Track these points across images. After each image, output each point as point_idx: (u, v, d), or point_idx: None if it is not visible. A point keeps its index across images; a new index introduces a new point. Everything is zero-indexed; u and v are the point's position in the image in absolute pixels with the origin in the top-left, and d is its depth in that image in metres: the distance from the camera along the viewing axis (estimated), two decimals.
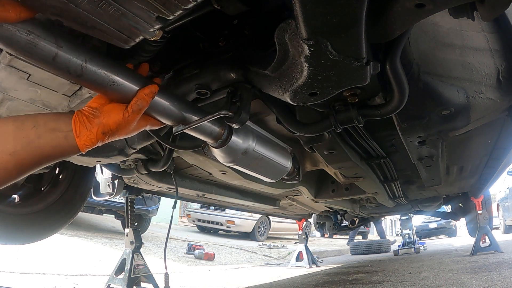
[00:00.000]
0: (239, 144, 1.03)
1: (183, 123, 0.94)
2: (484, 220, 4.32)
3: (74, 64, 0.73)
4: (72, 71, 0.73)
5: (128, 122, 0.80)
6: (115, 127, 0.78)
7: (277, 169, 1.22)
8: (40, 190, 2.13)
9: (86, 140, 0.76)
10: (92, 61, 0.75)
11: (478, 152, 2.23)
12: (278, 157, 1.19)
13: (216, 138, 1.02)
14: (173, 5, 0.74)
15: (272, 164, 1.17)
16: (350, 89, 1.13)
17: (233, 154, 1.04)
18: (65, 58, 0.71)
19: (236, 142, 1.03)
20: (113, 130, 0.79)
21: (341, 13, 0.70)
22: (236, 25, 1.10)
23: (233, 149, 1.03)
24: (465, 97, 1.26)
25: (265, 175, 1.24)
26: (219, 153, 1.04)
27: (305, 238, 5.67)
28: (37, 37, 0.67)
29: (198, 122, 0.94)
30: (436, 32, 1.17)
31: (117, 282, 2.66)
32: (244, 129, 1.04)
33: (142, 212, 6.48)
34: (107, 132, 0.78)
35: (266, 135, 1.16)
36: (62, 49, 0.70)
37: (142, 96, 0.81)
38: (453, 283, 2.36)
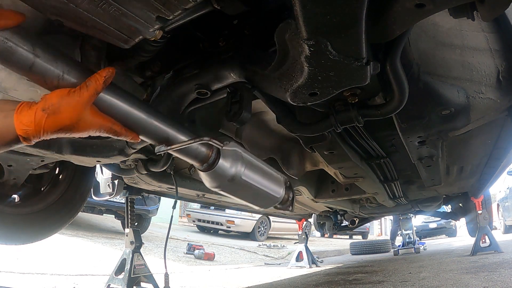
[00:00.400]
0: (226, 170, 0.97)
1: (166, 144, 0.89)
2: (484, 220, 4.32)
3: (52, 74, 0.71)
4: (49, 81, 0.71)
5: (73, 98, 0.69)
6: (56, 100, 0.68)
7: (267, 198, 1.15)
8: (40, 190, 2.13)
9: (24, 118, 0.66)
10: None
11: (478, 152, 2.23)
12: (268, 186, 1.12)
13: (202, 161, 0.96)
14: (173, 5, 0.74)
15: (261, 193, 1.11)
16: (350, 89, 1.13)
17: (218, 179, 0.98)
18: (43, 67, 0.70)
19: (224, 167, 0.97)
20: (54, 105, 0.67)
21: (341, 13, 0.70)
22: (236, 25, 1.10)
23: (220, 174, 0.97)
24: (465, 97, 1.26)
25: (253, 203, 1.17)
26: (205, 177, 0.99)
27: (305, 238, 5.67)
28: (14, 45, 0.67)
29: (180, 145, 0.89)
30: (436, 32, 1.17)
31: (117, 282, 2.66)
32: (233, 154, 0.99)
33: (142, 212, 6.48)
34: (47, 108, 0.67)
35: (257, 162, 1.09)
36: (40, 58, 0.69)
37: (94, 76, 0.72)
38: (453, 283, 2.36)
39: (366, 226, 17.63)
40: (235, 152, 1.00)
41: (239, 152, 1.02)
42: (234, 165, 0.99)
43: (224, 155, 0.98)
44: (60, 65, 0.72)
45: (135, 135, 0.84)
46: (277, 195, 1.18)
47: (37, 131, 0.67)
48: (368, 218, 5.26)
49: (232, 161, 0.99)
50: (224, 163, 0.97)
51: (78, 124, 0.71)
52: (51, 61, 0.71)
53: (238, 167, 1.00)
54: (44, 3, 0.72)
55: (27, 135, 0.67)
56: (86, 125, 0.72)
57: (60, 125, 0.69)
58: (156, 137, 0.88)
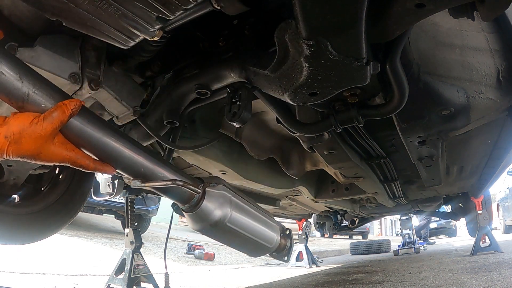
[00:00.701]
0: (210, 214, 0.90)
1: (141, 179, 0.82)
2: (484, 220, 4.32)
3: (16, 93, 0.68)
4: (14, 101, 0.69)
5: (34, 131, 0.66)
6: (17, 131, 0.65)
7: (257, 246, 1.06)
8: (40, 190, 2.13)
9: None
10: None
11: (478, 152, 2.23)
12: (259, 234, 1.03)
13: (184, 201, 0.89)
14: (173, 5, 0.74)
15: (250, 241, 1.02)
16: (350, 89, 1.13)
17: (200, 223, 0.92)
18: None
19: (207, 210, 0.90)
20: (15, 136, 0.65)
21: (341, 13, 0.70)
22: (236, 25, 1.10)
23: (201, 218, 0.91)
24: (465, 97, 1.26)
25: (240, 250, 1.10)
26: (187, 217, 0.93)
27: (305, 238, 5.67)
28: None
29: (154, 185, 0.83)
30: (436, 32, 1.17)
31: (117, 282, 2.66)
32: (220, 198, 0.92)
33: (142, 212, 6.48)
34: (8, 137, 0.65)
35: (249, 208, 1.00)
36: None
37: (60, 105, 0.69)
38: (453, 283, 2.36)
39: (366, 226, 17.64)
40: (223, 195, 0.94)
41: (227, 196, 0.95)
42: (220, 209, 0.92)
43: (210, 198, 0.91)
44: (26, 84, 0.68)
45: (109, 168, 0.78)
46: (269, 244, 1.08)
47: (0, 154, 0.67)
48: (368, 218, 5.26)
49: (218, 204, 0.92)
50: (208, 206, 0.90)
51: (39, 156, 0.69)
52: (16, 80, 0.67)
53: (224, 212, 0.92)
54: (44, 3, 0.72)
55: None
56: (47, 157, 0.70)
57: (21, 154, 0.67)
58: (131, 171, 0.82)
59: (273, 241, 1.08)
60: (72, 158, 0.72)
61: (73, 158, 0.73)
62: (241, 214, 0.97)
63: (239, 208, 0.97)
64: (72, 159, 0.72)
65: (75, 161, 0.73)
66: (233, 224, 0.94)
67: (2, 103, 1.13)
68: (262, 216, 1.06)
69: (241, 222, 0.97)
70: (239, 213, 0.96)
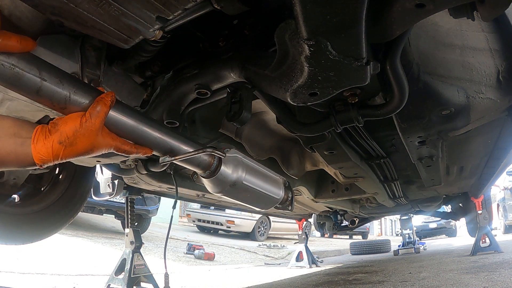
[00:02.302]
0: (228, 176, 1.02)
1: (170, 155, 0.92)
2: (484, 220, 4.32)
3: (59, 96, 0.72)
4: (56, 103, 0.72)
5: (87, 129, 0.72)
6: (71, 134, 0.71)
7: (267, 200, 1.21)
8: (40, 190, 2.13)
9: (42, 149, 0.70)
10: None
11: (478, 152, 2.23)
12: (268, 188, 1.18)
13: (205, 168, 1.00)
14: (173, 5, 0.74)
15: (262, 196, 1.17)
16: (350, 89, 1.13)
17: (221, 185, 1.04)
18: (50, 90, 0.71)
19: (225, 173, 1.02)
20: (70, 139, 0.71)
21: (341, 13, 0.70)
22: (236, 25, 1.10)
23: (222, 180, 1.02)
24: (465, 97, 1.26)
25: (254, 205, 1.23)
26: (208, 183, 1.04)
27: (305, 238, 5.67)
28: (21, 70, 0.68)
29: (184, 156, 0.92)
30: (436, 32, 1.17)
31: (117, 282, 2.66)
32: (234, 161, 1.04)
33: (142, 212, 6.48)
34: (63, 141, 0.70)
35: (257, 166, 1.15)
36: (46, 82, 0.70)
37: (100, 99, 0.75)
38: (453, 283, 2.36)
39: (366, 226, 17.65)
40: (236, 158, 1.05)
41: (239, 158, 1.06)
42: (235, 171, 1.03)
43: (226, 162, 1.01)
44: (66, 86, 0.72)
45: (147, 150, 0.87)
46: (277, 196, 1.22)
47: (55, 159, 0.72)
48: (368, 218, 5.26)
49: (233, 167, 1.03)
50: (225, 170, 1.01)
51: (93, 150, 0.75)
52: (57, 84, 0.71)
53: (239, 172, 1.04)
54: (44, 3, 0.72)
55: (43, 162, 0.72)
56: (99, 148, 0.76)
57: (76, 154, 0.73)
58: (161, 149, 0.90)
59: (279, 192, 1.24)
60: (117, 145, 0.80)
61: (118, 145, 0.80)
62: (252, 173, 1.10)
63: (250, 167, 1.10)
64: (118, 146, 0.80)
65: (119, 147, 0.81)
66: (247, 181, 1.07)
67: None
68: (267, 172, 1.20)
69: (253, 179, 1.10)
70: (250, 172, 1.09)
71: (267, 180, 1.18)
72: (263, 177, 1.16)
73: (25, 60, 0.69)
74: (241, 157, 1.07)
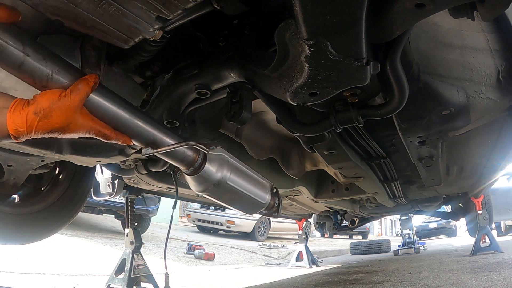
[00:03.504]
0: (212, 174, 0.99)
1: (152, 146, 0.89)
2: (484, 220, 4.32)
3: (41, 73, 0.72)
4: (38, 81, 0.72)
5: (64, 103, 0.71)
6: (47, 105, 0.70)
7: (252, 203, 1.16)
8: (40, 190, 2.13)
9: (17, 119, 0.69)
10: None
11: (478, 152, 2.23)
12: (254, 191, 1.13)
13: (189, 165, 0.97)
14: (173, 5, 0.74)
15: (247, 198, 1.12)
16: (350, 89, 1.13)
17: (205, 183, 1.00)
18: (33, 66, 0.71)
19: (209, 171, 0.98)
20: (45, 110, 0.69)
21: (341, 13, 0.70)
22: (236, 25, 1.10)
23: (205, 178, 0.99)
24: (465, 97, 1.26)
25: (239, 209, 1.19)
26: (191, 181, 1.01)
27: (305, 238, 5.67)
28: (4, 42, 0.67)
29: (167, 149, 0.90)
30: (436, 32, 1.17)
31: (117, 282, 2.66)
32: (219, 159, 1.01)
33: (142, 212, 6.48)
34: (38, 112, 0.69)
35: (243, 168, 1.11)
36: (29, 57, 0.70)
37: (83, 79, 0.74)
38: (453, 283, 2.36)
39: (366, 226, 17.66)
40: (221, 157, 1.02)
41: (225, 157, 1.03)
42: (220, 169, 1.00)
43: (210, 160, 0.99)
44: (49, 64, 0.72)
45: (126, 138, 0.84)
46: (263, 200, 1.18)
47: (28, 131, 0.70)
48: (368, 218, 5.26)
49: (218, 165, 1.00)
50: (210, 168, 0.98)
51: (69, 127, 0.73)
52: (40, 61, 0.71)
53: (224, 171, 1.01)
54: (44, 3, 0.72)
55: (17, 134, 0.70)
56: (76, 127, 0.74)
57: (50, 128, 0.71)
58: (143, 139, 0.88)
59: (265, 197, 1.19)
60: (97, 128, 0.78)
61: (98, 128, 0.78)
62: (238, 174, 1.06)
63: (236, 168, 1.06)
64: (97, 129, 0.78)
65: (99, 131, 0.78)
66: (232, 182, 1.03)
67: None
68: (254, 175, 1.16)
69: (239, 180, 1.06)
70: (236, 172, 1.05)
71: (253, 183, 1.14)
72: (249, 179, 1.12)
73: (10, 33, 0.68)
74: (227, 157, 1.04)
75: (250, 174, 1.14)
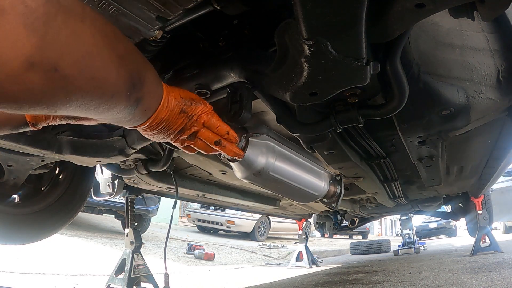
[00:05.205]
0: (253, 163, 0.92)
1: None
2: (484, 220, 4.32)
3: None
4: None
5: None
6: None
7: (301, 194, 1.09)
8: (40, 190, 2.13)
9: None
10: None
11: (478, 152, 2.23)
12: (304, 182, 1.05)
13: None
14: (173, 5, 0.74)
15: (295, 190, 1.05)
16: (350, 89, 1.13)
17: (244, 171, 0.94)
18: None
19: (250, 159, 0.92)
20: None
21: (341, 13, 0.70)
22: (236, 25, 1.10)
23: (245, 166, 0.93)
24: (465, 97, 1.26)
25: (288, 197, 1.13)
26: (232, 166, 0.96)
27: (305, 238, 5.67)
28: None
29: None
30: (436, 32, 1.17)
31: (117, 282, 2.66)
32: (264, 147, 0.94)
33: (142, 212, 6.48)
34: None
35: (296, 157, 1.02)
36: None
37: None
38: (453, 283, 2.36)
39: (366, 226, 17.65)
40: (266, 144, 0.96)
41: (271, 145, 0.97)
42: (263, 158, 0.95)
43: (253, 147, 0.93)
44: None
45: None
46: (316, 192, 1.12)
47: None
48: (368, 218, 5.26)
49: (260, 154, 0.95)
50: (251, 155, 0.93)
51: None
52: None
53: (267, 161, 0.95)
54: None
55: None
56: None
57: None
58: None
59: (320, 189, 1.13)
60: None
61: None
62: (285, 163, 0.99)
63: (284, 156, 0.99)
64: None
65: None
66: (276, 173, 0.97)
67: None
68: (308, 164, 1.09)
69: (285, 171, 0.99)
70: (283, 161, 0.99)
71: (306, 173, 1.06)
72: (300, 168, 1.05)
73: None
74: (274, 145, 0.97)
75: (303, 163, 1.06)
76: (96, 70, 0.48)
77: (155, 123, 0.65)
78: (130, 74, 0.54)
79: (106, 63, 0.49)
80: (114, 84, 0.51)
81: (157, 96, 0.63)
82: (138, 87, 0.56)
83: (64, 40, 0.43)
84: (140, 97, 0.57)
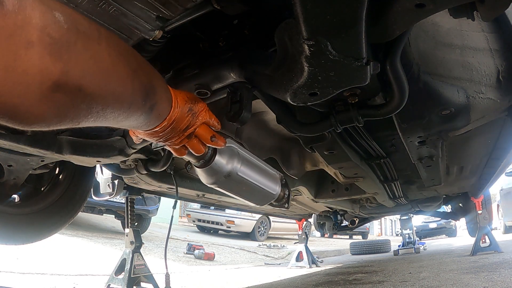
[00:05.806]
0: (223, 166, 0.99)
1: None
2: (484, 220, 4.32)
3: None
4: None
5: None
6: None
7: (263, 195, 1.16)
8: (40, 190, 2.12)
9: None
10: None
11: (478, 152, 2.23)
12: (264, 182, 1.13)
13: (199, 157, 0.98)
14: (173, 5, 0.74)
15: (257, 190, 1.12)
16: (350, 89, 1.13)
17: (215, 175, 1.00)
18: None
19: (220, 163, 0.98)
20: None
21: (341, 13, 0.70)
22: (236, 25, 1.10)
23: (216, 170, 0.99)
24: (465, 97, 1.26)
25: (249, 200, 1.18)
26: (201, 173, 1.01)
27: (305, 238, 5.66)
28: None
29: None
30: (436, 32, 1.17)
31: (117, 282, 2.66)
32: (229, 151, 1.01)
33: (142, 212, 6.47)
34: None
35: (253, 159, 1.11)
36: None
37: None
38: (453, 283, 2.36)
39: (366, 226, 17.65)
40: (231, 148, 1.02)
41: (235, 149, 1.03)
42: (230, 161, 1.01)
43: (221, 152, 0.99)
44: None
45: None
46: (273, 192, 1.19)
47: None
48: (368, 218, 5.26)
49: (228, 157, 1.01)
50: (220, 160, 0.99)
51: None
52: None
53: (234, 163, 1.01)
54: None
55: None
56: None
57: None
58: None
59: (276, 188, 1.19)
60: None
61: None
62: (248, 165, 1.06)
63: (246, 159, 1.06)
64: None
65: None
66: (242, 173, 1.03)
67: None
68: (264, 166, 1.16)
69: (249, 171, 1.06)
70: (246, 164, 1.05)
71: (263, 174, 1.14)
72: (259, 170, 1.12)
73: None
74: (237, 148, 1.04)
75: (260, 165, 1.14)
76: (114, 85, 0.53)
77: (168, 123, 0.71)
78: (143, 85, 0.59)
79: (122, 77, 0.55)
80: (131, 95, 0.57)
81: (168, 100, 0.69)
82: (151, 96, 0.62)
83: (85, 63, 0.48)
84: (153, 103, 0.63)
